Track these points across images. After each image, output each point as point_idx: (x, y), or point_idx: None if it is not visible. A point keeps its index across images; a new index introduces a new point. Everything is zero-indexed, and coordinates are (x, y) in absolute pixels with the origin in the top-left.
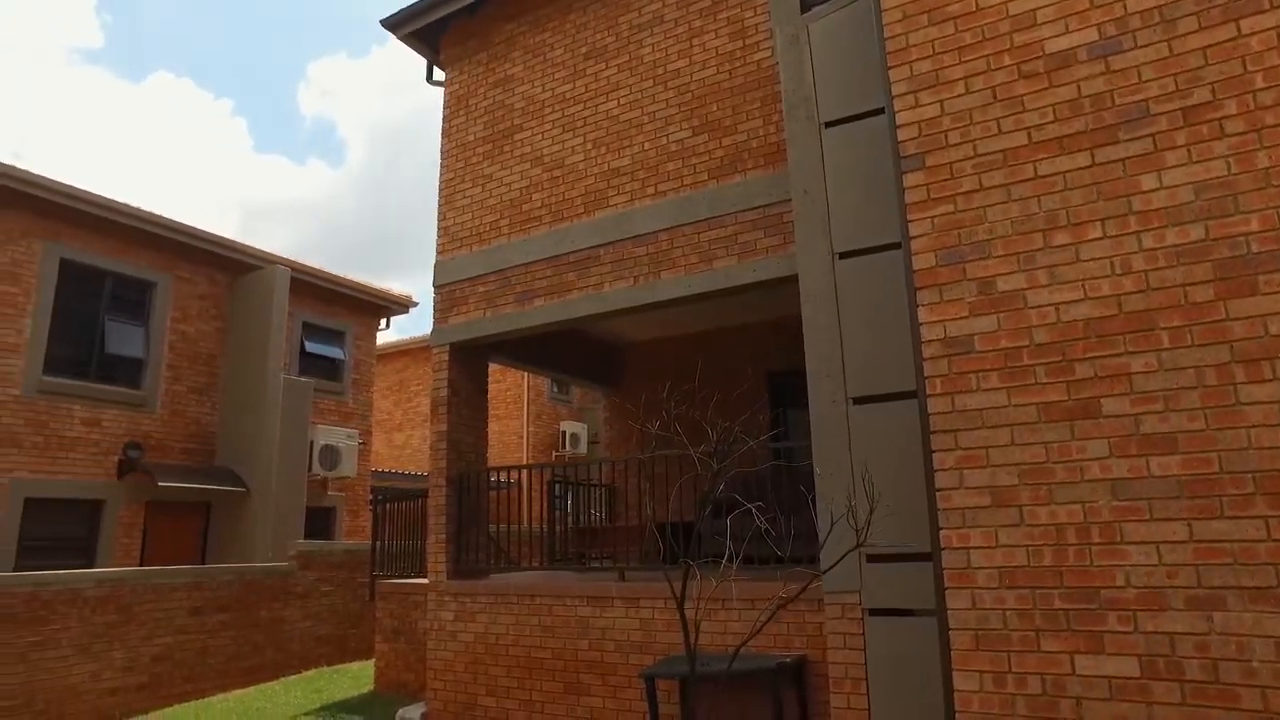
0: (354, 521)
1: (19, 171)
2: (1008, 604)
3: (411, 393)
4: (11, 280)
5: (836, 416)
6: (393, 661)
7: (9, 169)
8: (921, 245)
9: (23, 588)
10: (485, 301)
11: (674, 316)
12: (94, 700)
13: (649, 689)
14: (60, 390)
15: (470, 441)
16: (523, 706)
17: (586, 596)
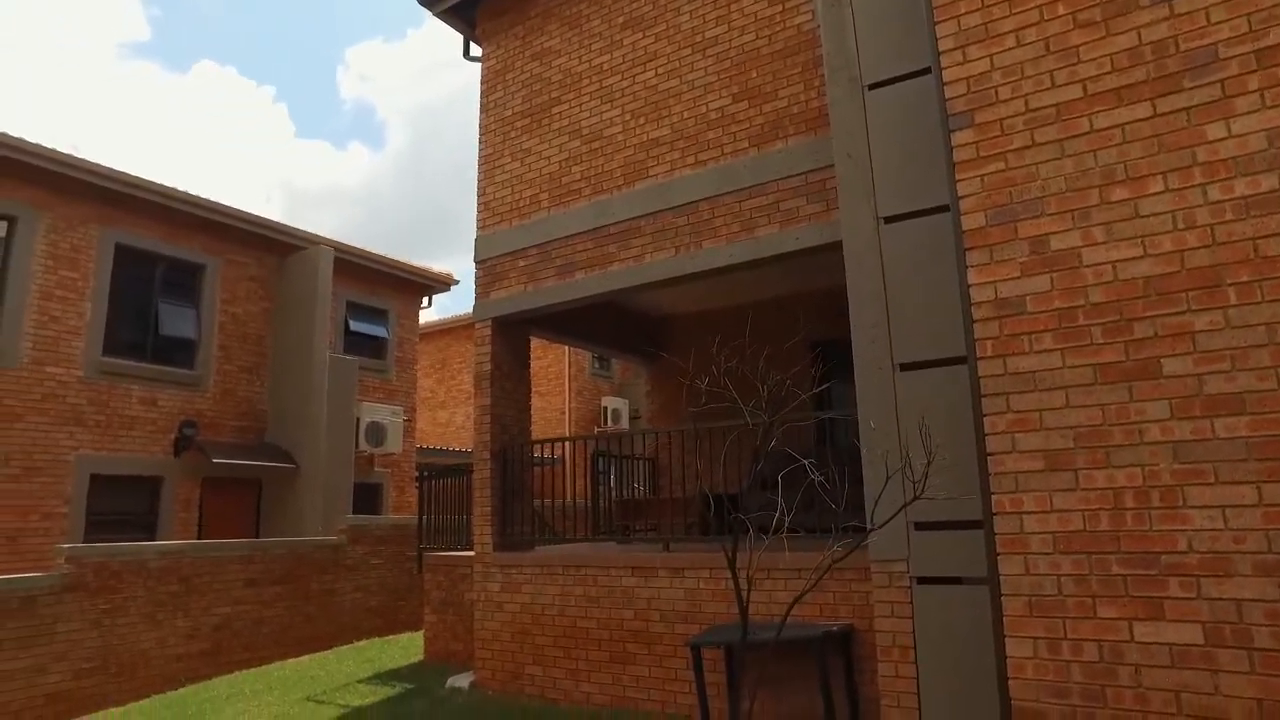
0: (400, 497)
1: (78, 160)
2: (1063, 570)
3: (453, 370)
4: (71, 266)
5: (883, 383)
6: (441, 632)
7: (69, 158)
8: (970, 205)
9: (93, 558)
10: (526, 275)
11: (715, 288)
12: (162, 665)
13: (695, 658)
14: (119, 371)
15: (513, 415)
16: (569, 675)
17: (631, 567)
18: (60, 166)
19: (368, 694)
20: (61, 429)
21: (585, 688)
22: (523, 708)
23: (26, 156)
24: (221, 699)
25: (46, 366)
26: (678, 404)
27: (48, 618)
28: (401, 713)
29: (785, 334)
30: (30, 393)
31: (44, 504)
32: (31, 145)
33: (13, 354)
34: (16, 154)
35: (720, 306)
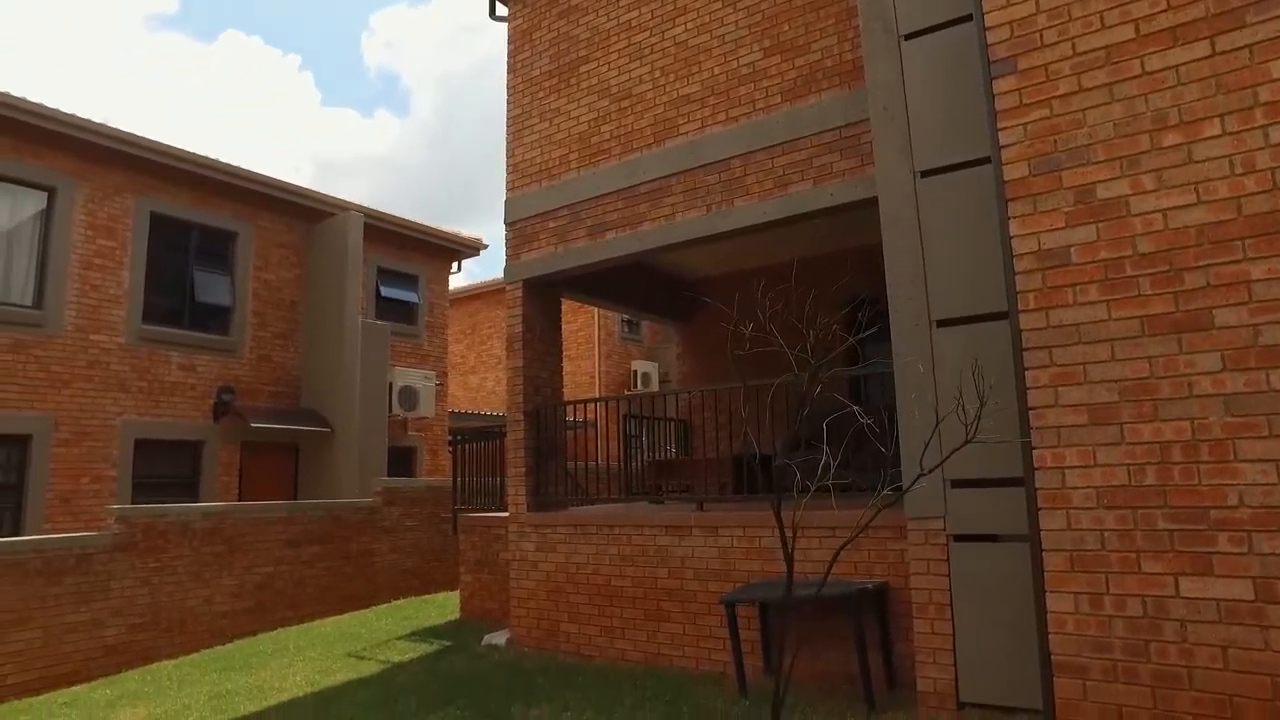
0: (433, 461)
1: (113, 130)
2: (1106, 524)
3: (484, 336)
4: (109, 235)
5: (919, 340)
6: (476, 591)
7: (104, 128)
8: (1013, 154)
9: (141, 519)
10: (556, 236)
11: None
12: (209, 622)
13: (730, 615)
14: (158, 338)
15: (546, 377)
16: (604, 632)
17: (665, 526)
18: (96, 136)
19: (407, 650)
20: (106, 395)
21: (620, 645)
22: (559, 664)
23: (64, 127)
24: (267, 654)
25: (90, 334)
26: (709, 366)
27: (102, 575)
28: (441, 668)
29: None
30: (76, 360)
31: (93, 467)
32: (67, 116)
33: (58, 322)
34: (54, 125)
35: (751, 267)
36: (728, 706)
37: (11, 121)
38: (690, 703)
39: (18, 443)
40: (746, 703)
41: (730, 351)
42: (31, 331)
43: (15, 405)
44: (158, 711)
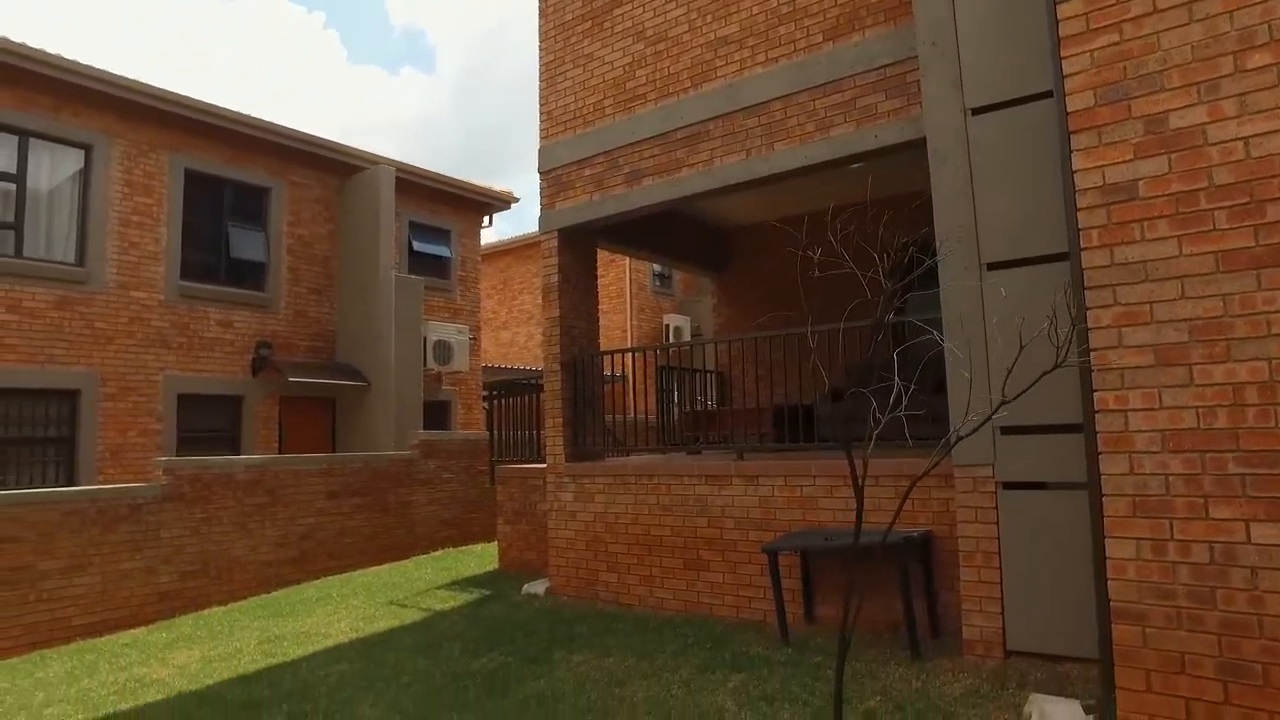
0: (468, 415)
1: (145, 86)
2: (1171, 469)
3: (514, 291)
4: (145, 192)
5: (969, 285)
6: (515, 541)
7: (137, 84)
8: (1078, 84)
9: (187, 470)
10: (593, 184)
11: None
12: (255, 570)
13: (772, 563)
14: (196, 294)
15: (582, 327)
16: (643, 581)
17: (705, 475)
18: (130, 93)
19: (448, 599)
20: (149, 351)
21: (659, 594)
22: (598, 612)
23: (99, 84)
24: (312, 601)
25: (131, 291)
26: (746, 316)
27: (153, 524)
28: (482, 616)
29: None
30: (118, 316)
31: (139, 421)
32: (101, 73)
33: (100, 279)
34: (90, 82)
35: (789, 215)
36: (770, 653)
37: (48, 79)
38: (732, 649)
39: (67, 397)
40: (789, 649)
41: (767, 304)
42: (75, 289)
43: (63, 361)
44: (211, 654)
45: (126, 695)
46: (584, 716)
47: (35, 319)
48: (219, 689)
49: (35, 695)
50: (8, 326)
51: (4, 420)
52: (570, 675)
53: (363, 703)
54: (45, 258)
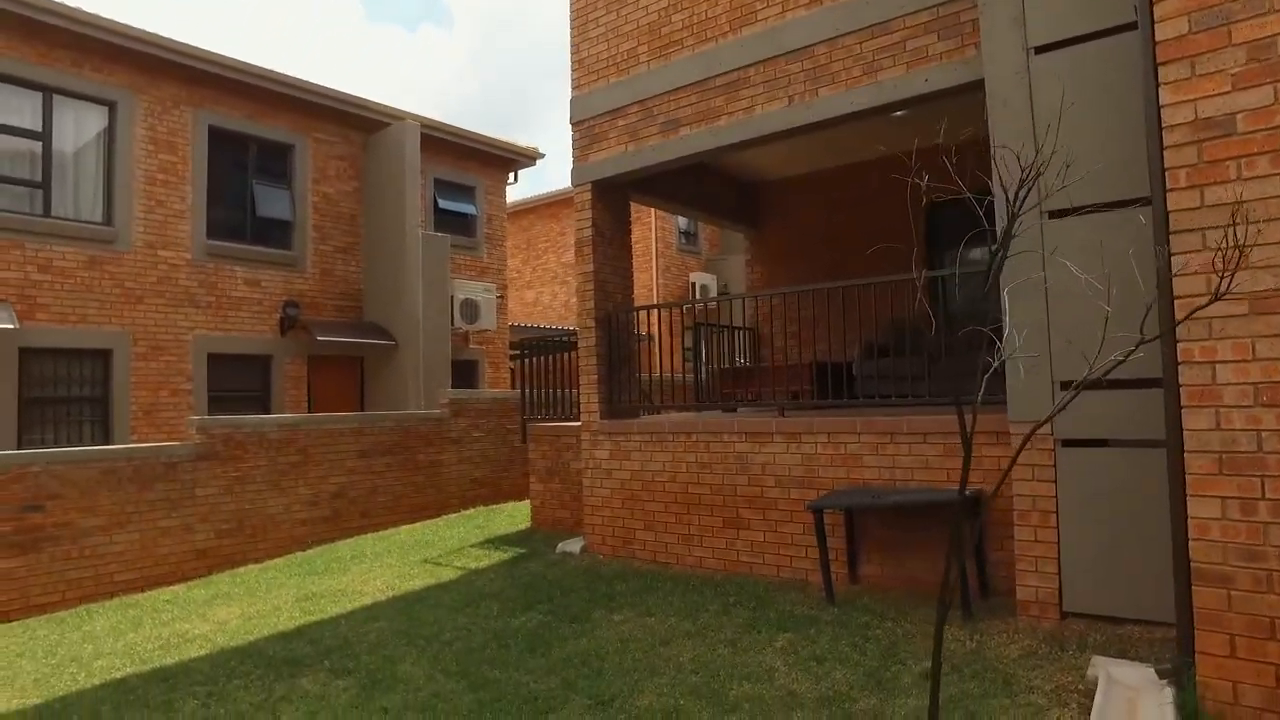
0: (495, 374)
1: (168, 41)
2: (1263, 425)
3: (539, 250)
4: (170, 150)
5: (1030, 234)
6: (547, 500)
7: (159, 38)
8: (1169, 9)
9: (220, 429)
10: (627, 135)
11: (821, 147)
12: (289, 529)
13: (818, 521)
14: (223, 253)
15: (617, 282)
16: (681, 540)
17: (745, 433)
18: (152, 48)
19: (482, 557)
20: (178, 310)
21: (697, 552)
22: (635, 570)
23: (121, 39)
24: (346, 559)
25: (158, 250)
26: (781, 272)
27: (188, 483)
28: (518, 574)
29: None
30: (146, 275)
31: (170, 381)
32: (123, 27)
33: (127, 238)
34: (112, 36)
35: (826, 168)
36: (815, 612)
37: (69, 33)
38: (776, 609)
39: (100, 357)
40: (835, 609)
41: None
42: (104, 248)
43: (95, 320)
44: (250, 611)
45: (170, 650)
46: (629, 676)
47: (66, 279)
48: (260, 645)
49: (85, 648)
50: (40, 286)
51: (40, 380)
52: (613, 634)
53: (404, 660)
54: (74, 217)
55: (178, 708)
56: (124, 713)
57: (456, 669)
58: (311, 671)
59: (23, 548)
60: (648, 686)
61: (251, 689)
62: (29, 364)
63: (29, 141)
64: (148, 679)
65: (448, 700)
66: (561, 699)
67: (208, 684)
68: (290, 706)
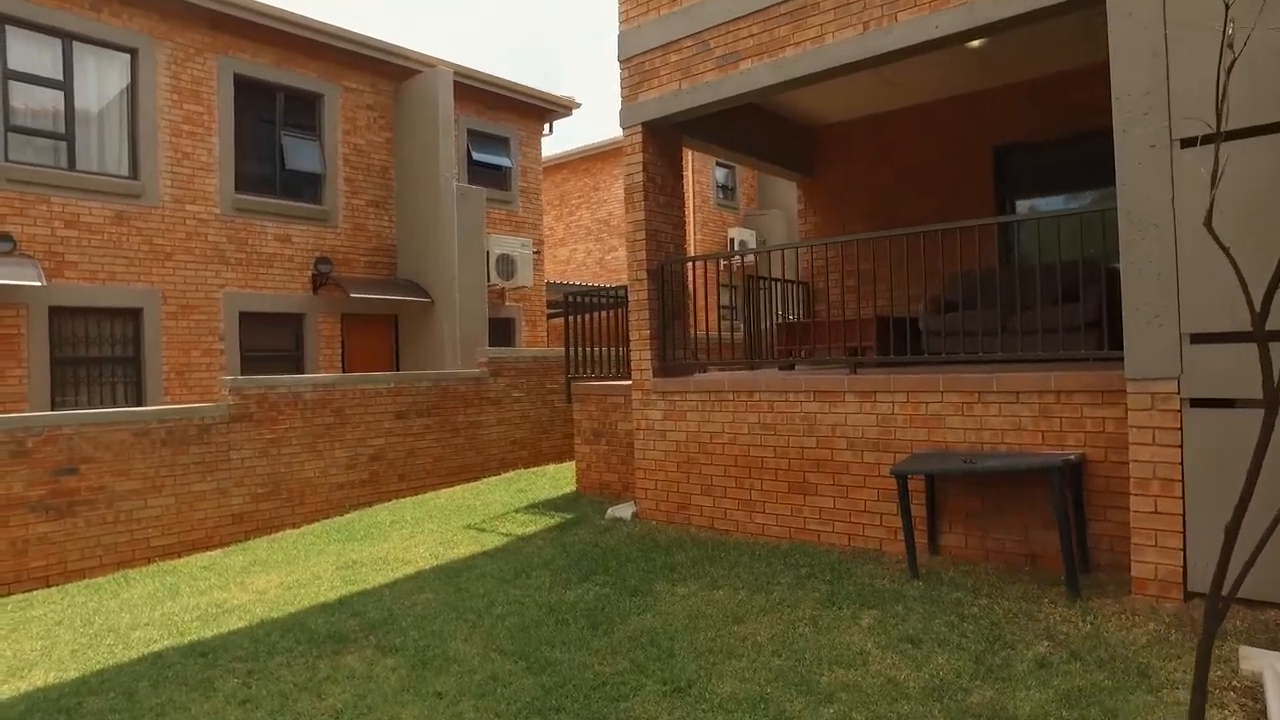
0: (532, 332)
1: None
2: None
3: (572, 206)
4: (195, 99)
5: (1156, 165)
6: (593, 463)
7: None
8: None
9: (254, 390)
10: (680, 71)
11: (879, 89)
12: (326, 493)
13: (901, 488)
14: (252, 208)
15: (669, 231)
16: (741, 506)
17: (814, 392)
18: None
19: (527, 523)
20: (207, 267)
21: (760, 519)
22: (693, 538)
23: None
24: (386, 525)
25: (186, 205)
26: (835, 221)
27: (222, 445)
28: (567, 542)
29: (963, 136)
30: (175, 231)
31: (202, 341)
32: None
33: (154, 192)
34: None
35: (886, 110)
36: (898, 587)
37: None
38: (854, 582)
39: (130, 316)
40: (919, 583)
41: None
42: (131, 203)
43: (124, 278)
44: (289, 579)
45: (209, 621)
46: (704, 658)
47: (94, 234)
48: (301, 617)
49: (121, 617)
50: (68, 243)
51: (71, 340)
52: (679, 609)
53: (455, 637)
54: (99, 170)
55: (217, 687)
56: (161, 690)
57: (512, 648)
58: (357, 648)
59: (59, 512)
60: (726, 670)
61: (294, 666)
62: (59, 324)
63: (51, 93)
64: (185, 653)
65: (507, 684)
66: (632, 684)
67: (248, 660)
68: (336, 688)
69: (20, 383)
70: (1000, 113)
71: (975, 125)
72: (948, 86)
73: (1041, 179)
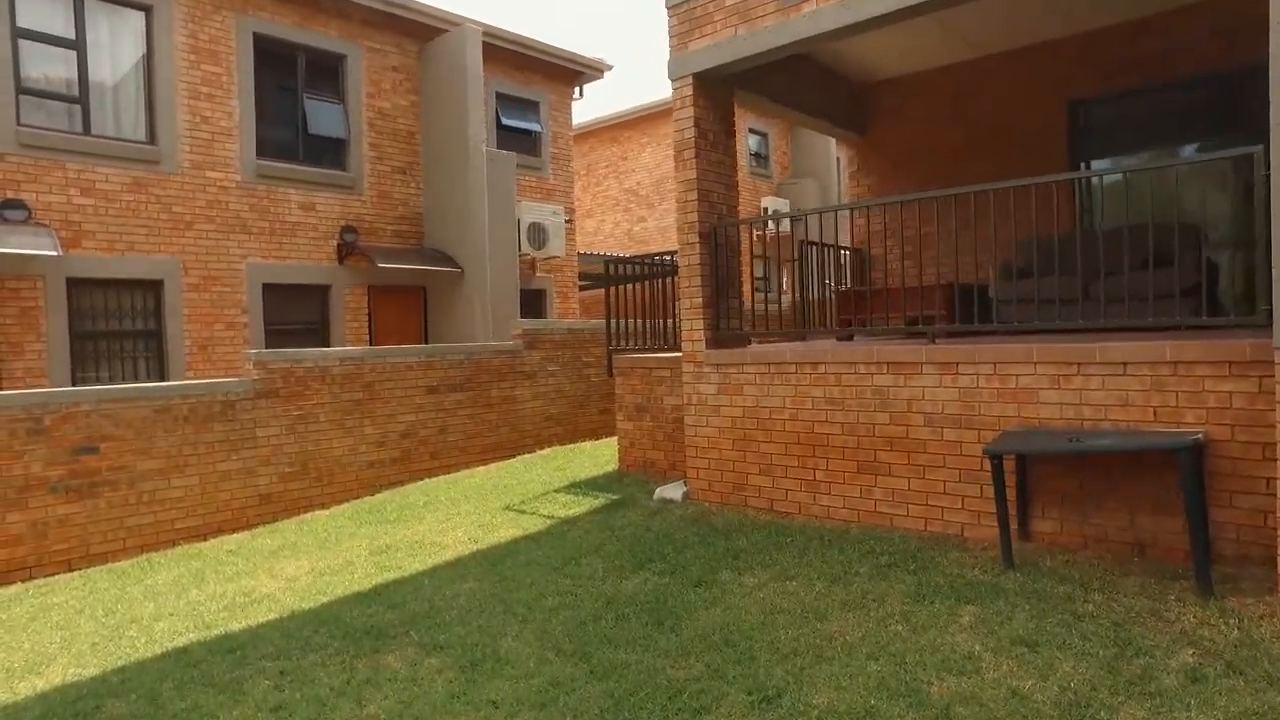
0: (564, 304)
1: None
2: None
3: (599, 176)
4: (213, 60)
5: None
6: (637, 440)
7: None
8: None
9: (279, 363)
10: (736, 15)
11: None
12: (356, 471)
13: (995, 469)
14: (275, 175)
15: (721, 191)
16: (805, 487)
17: (887, 363)
18: None
19: (569, 504)
20: (229, 237)
21: (825, 501)
22: (752, 522)
23: None
24: (419, 506)
25: (206, 171)
26: (891, 183)
27: (248, 422)
28: (616, 525)
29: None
30: (195, 199)
31: (225, 314)
32: None
33: (172, 159)
34: None
35: (946, 64)
36: (992, 578)
37: None
38: (942, 573)
39: (151, 288)
40: (1015, 574)
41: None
42: (149, 169)
43: (144, 248)
44: (320, 565)
45: (237, 612)
46: (790, 661)
47: (111, 202)
48: (335, 609)
49: (145, 606)
50: (84, 211)
51: (91, 313)
52: (750, 603)
53: (505, 634)
54: (115, 135)
55: (247, 690)
56: (187, 693)
57: (570, 647)
58: (397, 645)
59: (80, 493)
60: (818, 677)
61: (330, 666)
62: (78, 296)
63: (64, 53)
64: (212, 649)
65: (569, 690)
66: (713, 693)
67: (279, 658)
68: (377, 693)
69: (40, 357)
70: (1074, 64)
71: (1047, 78)
72: (1016, 35)
73: (1121, 136)
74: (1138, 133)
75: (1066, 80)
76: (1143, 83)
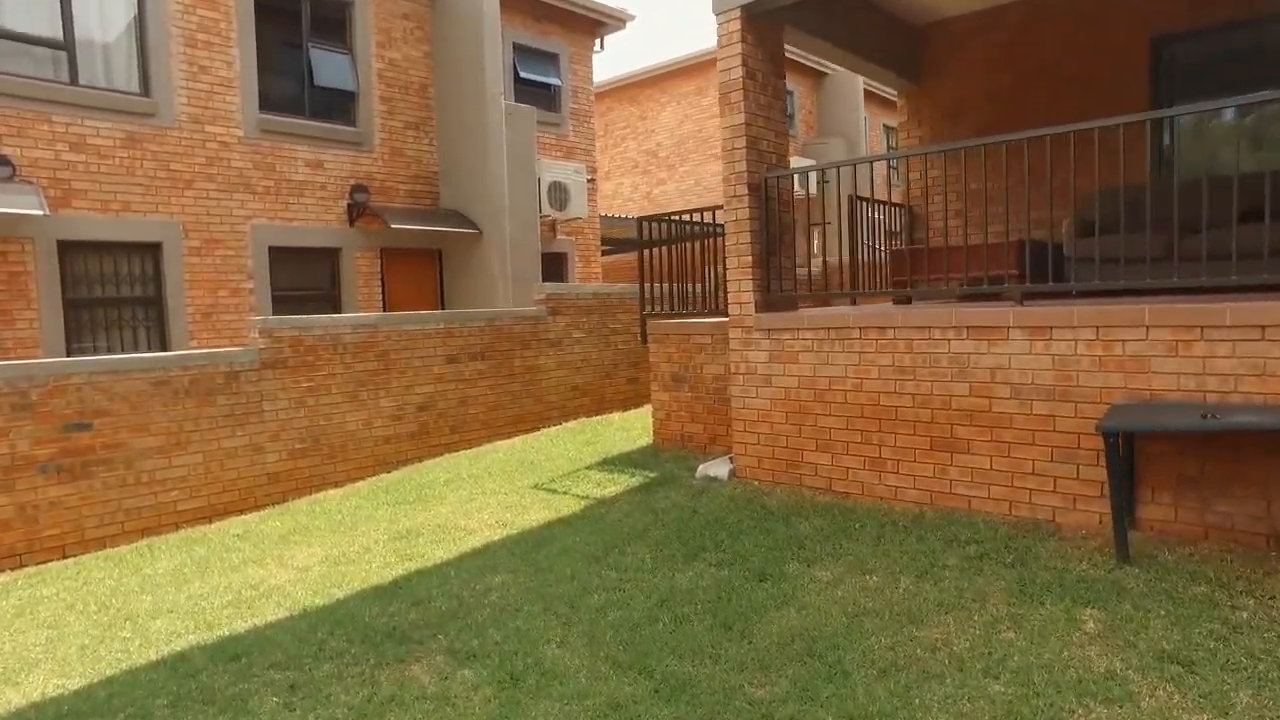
0: (587, 268)
1: None
2: None
3: (617, 138)
4: (210, 4)
5: None
6: (674, 412)
7: None
8: None
9: (287, 331)
10: None
11: None
12: (371, 447)
13: (1109, 449)
14: (279, 129)
15: (771, 139)
16: (869, 465)
17: (966, 327)
18: None
19: (605, 482)
20: (231, 197)
21: (892, 481)
22: (810, 503)
23: None
24: (439, 484)
25: (205, 125)
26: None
27: (254, 395)
28: (658, 507)
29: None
30: (194, 155)
31: (229, 279)
32: None
33: (169, 111)
34: None
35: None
36: (1108, 574)
37: None
38: (1043, 566)
39: (149, 251)
40: (1135, 571)
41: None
42: (143, 123)
43: (140, 209)
44: (335, 552)
45: (242, 608)
46: (891, 679)
47: (103, 159)
48: (352, 606)
49: (141, 600)
50: (74, 168)
51: (85, 279)
52: (827, 602)
53: (548, 639)
54: (106, 86)
55: (252, 709)
56: (182, 713)
57: (626, 657)
58: (424, 652)
59: (72, 473)
60: (930, 700)
61: (347, 679)
62: (70, 260)
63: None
64: (214, 655)
65: (633, 715)
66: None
67: (290, 668)
68: (404, 714)
69: (31, 326)
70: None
71: (1126, 13)
72: None
73: (1214, 77)
74: (1234, 73)
75: (1150, 13)
76: (1242, 14)
